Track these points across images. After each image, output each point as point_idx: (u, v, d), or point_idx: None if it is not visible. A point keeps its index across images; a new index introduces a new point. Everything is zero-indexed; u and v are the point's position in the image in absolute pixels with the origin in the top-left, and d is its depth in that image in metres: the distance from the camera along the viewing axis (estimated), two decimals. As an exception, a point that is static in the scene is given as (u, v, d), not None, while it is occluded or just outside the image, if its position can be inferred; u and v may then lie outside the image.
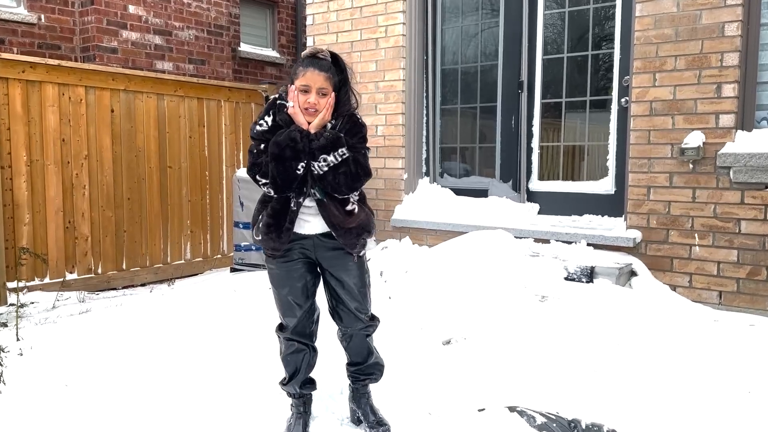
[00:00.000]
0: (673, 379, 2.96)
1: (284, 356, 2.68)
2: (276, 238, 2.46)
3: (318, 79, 2.38)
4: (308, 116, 2.39)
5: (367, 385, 2.77)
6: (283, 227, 2.44)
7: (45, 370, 3.29)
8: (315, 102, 2.38)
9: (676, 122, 4.40)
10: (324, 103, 2.39)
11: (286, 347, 2.66)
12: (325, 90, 2.40)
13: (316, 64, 2.41)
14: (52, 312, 4.85)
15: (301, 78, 2.39)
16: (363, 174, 2.45)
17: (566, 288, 4.24)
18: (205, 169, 6.73)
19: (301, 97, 2.38)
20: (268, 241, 2.47)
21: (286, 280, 2.55)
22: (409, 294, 4.15)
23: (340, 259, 2.55)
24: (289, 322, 2.61)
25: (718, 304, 4.28)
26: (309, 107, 2.38)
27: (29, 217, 5.33)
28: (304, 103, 2.38)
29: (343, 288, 2.58)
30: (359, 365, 2.73)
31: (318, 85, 2.38)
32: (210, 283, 5.38)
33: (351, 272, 2.57)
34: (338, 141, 2.39)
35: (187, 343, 3.69)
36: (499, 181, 5.52)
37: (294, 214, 2.45)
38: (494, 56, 5.53)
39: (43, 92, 5.40)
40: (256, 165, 2.41)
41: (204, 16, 8.10)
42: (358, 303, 2.61)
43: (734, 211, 4.23)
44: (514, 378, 3.12)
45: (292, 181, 2.36)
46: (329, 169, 2.37)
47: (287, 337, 2.64)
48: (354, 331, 2.66)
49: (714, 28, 4.22)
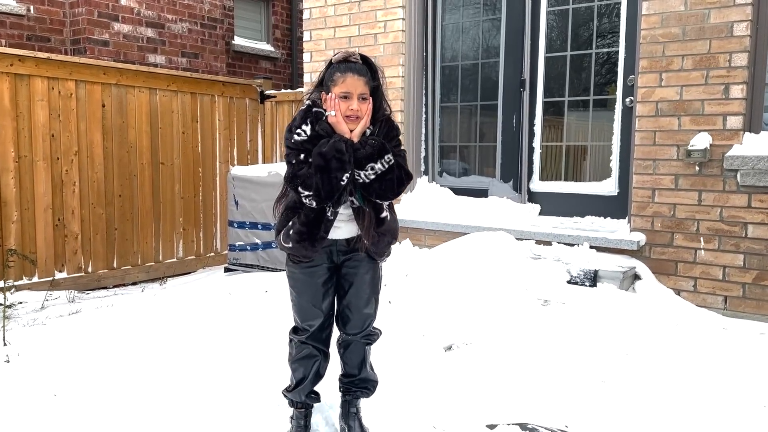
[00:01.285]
0: (685, 392, 2.87)
1: (294, 360, 2.60)
2: (309, 246, 2.39)
3: (358, 84, 2.31)
4: (350, 123, 2.32)
5: (358, 399, 2.68)
6: (317, 236, 2.38)
7: (33, 378, 3.16)
8: (357, 108, 2.31)
9: (683, 123, 4.31)
10: (365, 109, 2.33)
11: (297, 351, 2.57)
12: (365, 95, 2.33)
13: (353, 69, 2.33)
14: (41, 313, 4.72)
15: (340, 85, 2.30)
16: (406, 178, 2.40)
17: (569, 292, 4.16)
18: (199, 166, 6.60)
19: (342, 104, 2.30)
20: (300, 249, 2.40)
21: (309, 285, 2.49)
22: (410, 298, 4.04)
23: (362, 265, 2.50)
24: (308, 327, 2.54)
25: (723, 309, 4.21)
26: (351, 114, 2.31)
27: (17, 215, 5.18)
28: (346, 110, 2.30)
29: (356, 292, 2.52)
30: (353, 377, 2.66)
31: (359, 91, 2.31)
32: (203, 283, 5.26)
33: (368, 277, 2.52)
34: (384, 148, 2.32)
35: (180, 349, 3.58)
36: (500, 180, 5.42)
37: (330, 223, 2.39)
38: (495, 53, 5.42)
39: (32, 86, 5.25)
40: (297, 177, 2.31)
41: (197, 9, 7.93)
42: (368, 308, 2.56)
43: (741, 214, 4.15)
44: (519, 388, 3.02)
45: (336, 192, 2.28)
46: (376, 177, 2.31)
47: (302, 341, 2.55)
48: (355, 339, 2.60)
49: (722, 28, 4.13)
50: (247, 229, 5.49)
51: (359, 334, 2.58)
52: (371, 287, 2.54)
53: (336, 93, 2.30)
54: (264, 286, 4.53)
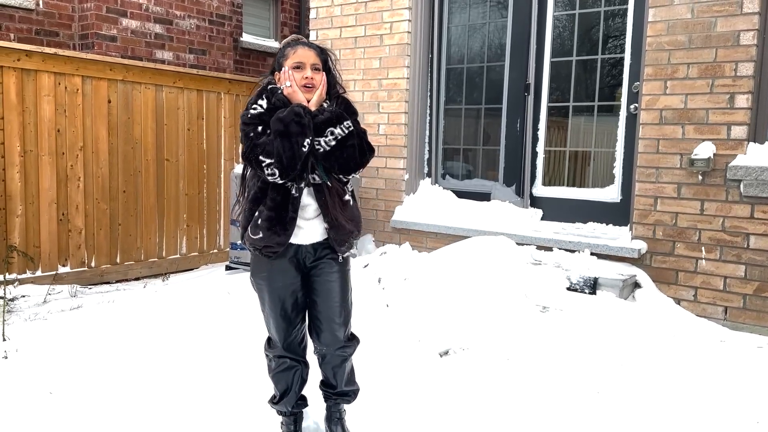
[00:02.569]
0: (678, 405, 2.86)
1: (274, 374, 2.56)
2: (281, 230, 2.33)
3: (310, 54, 2.37)
4: (306, 93, 2.34)
5: (339, 405, 2.66)
6: (287, 217, 2.33)
7: (30, 375, 3.19)
8: (311, 77, 2.34)
9: (687, 132, 4.28)
10: (319, 78, 2.36)
11: (277, 364, 2.54)
12: (318, 65, 2.37)
13: (302, 42, 2.42)
14: (43, 307, 4.75)
15: (292, 57, 2.36)
16: (368, 149, 2.41)
17: (568, 299, 4.15)
18: (203, 163, 6.61)
19: (297, 74, 2.33)
20: (273, 236, 2.32)
21: (278, 297, 2.43)
22: (408, 302, 4.05)
23: (329, 272, 2.45)
24: (280, 338, 2.49)
25: (723, 319, 4.19)
26: (307, 83, 2.33)
27: (22, 209, 5.21)
28: (301, 79, 2.33)
29: (326, 302, 2.47)
30: (332, 387, 2.62)
31: (311, 61, 2.36)
32: (204, 281, 5.28)
33: (337, 286, 2.47)
34: (342, 115, 2.35)
35: (177, 348, 3.60)
36: (503, 184, 5.41)
37: (297, 200, 2.34)
38: (501, 57, 5.40)
39: (38, 81, 5.27)
40: (257, 146, 2.27)
41: (206, 5, 7.94)
42: (339, 318, 2.49)
43: (743, 225, 4.12)
44: (514, 397, 3.02)
45: (298, 159, 2.26)
46: (336, 144, 2.31)
47: (278, 354, 2.52)
48: (330, 351, 2.53)
49: (729, 37, 4.10)
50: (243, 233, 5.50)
51: (332, 347, 2.51)
52: (341, 296, 2.48)
53: (289, 65, 2.33)
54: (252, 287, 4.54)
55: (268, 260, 2.41)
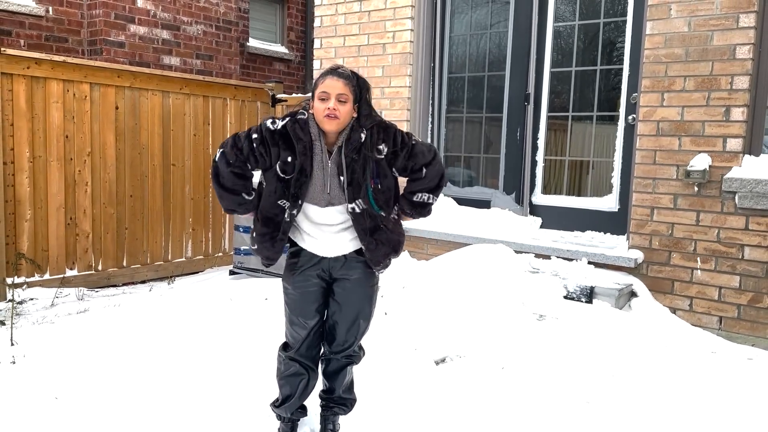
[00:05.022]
0: (666, 416, 2.93)
1: (281, 377, 2.65)
2: (270, 247, 2.43)
3: (337, 85, 2.30)
4: (327, 124, 2.31)
5: (336, 415, 2.74)
6: (277, 237, 2.41)
7: (36, 380, 3.28)
8: (334, 108, 2.29)
9: (683, 144, 4.34)
10: (345, 110, 2.31)
11: (285, 367, 2.62)
12: (345, 96, 2.31)
13: (334, 72, 2.36)
14: (51, 310, 4.86)
15: (320, 86, 2.33)
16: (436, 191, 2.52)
17: (565, 307, 4.21)
18: (209, 168, 6.69)
19: (320, 105, 2.30)
20: (262, 250, 2.44)
21: (300, 302, 2.52)
22: (406, 310, 4.12)
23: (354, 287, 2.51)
24: (296, 341, 2.57)
25: (718, 329, 4.24)
26: (329, 113, 2.29)
27: (31, 213, 5.32)
28: (324, 110, 2.29)
29: (344, 314, 2.54)
30: (332, 393, 2.71)
31: (337, 92, 2.30)
32: (208, 286, 5.37)
33: (357, 300, 2.53)
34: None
35: (181, 354, 3.68)
36: (503, 192, 5.48)
37: (288, 225, 2.40)
38: (502, 67, 5.46)
39: (47, 88, 5.38)
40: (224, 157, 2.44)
41: (213, 11, 8.05)
42: (352, 330, 2.57)
43: (738, 236, 4.17)
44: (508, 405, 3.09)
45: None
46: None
47: (290, 357, 2.60)
48: (337, 357, 2.63)
49: (725, 50, 4.15)
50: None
51: (340, 353, 2.61)
52: (360, 311, 2.55)
53: (317, 95, 2.32)
54: (265, 293, 4.63)
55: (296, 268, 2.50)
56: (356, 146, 2.35)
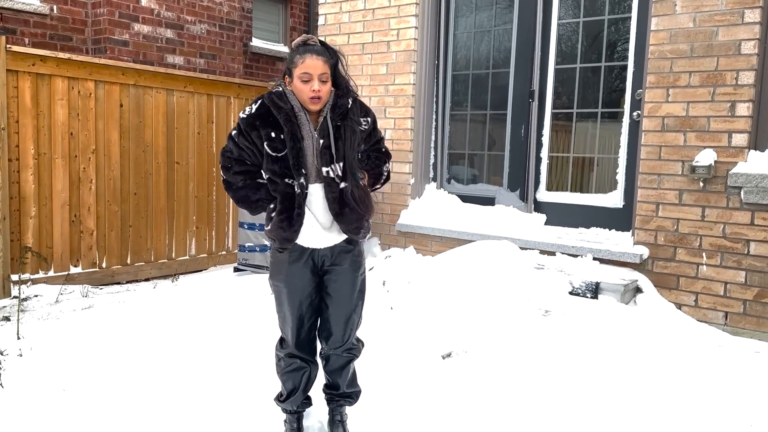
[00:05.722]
0: (673, 409, 2.92)
1: (282, 373, 2.65)
2: (288, 226, 2.42)
3: (317, 64, 2.36)
4: (313, 104, 2.38)
5: (342, 407, 2.73)
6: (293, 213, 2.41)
7: (44, 372, 3.29)
8: (319, 89, 2.36)
9: (688, 139, 4.34)
10: (326, 89, 2.39)
11: (286, 364, 2.62)
12: (326, 74, 2.38)
13: (311, 49, 2.39)
14: (55, 307, 4.86)
15: (300, 66, 2.36)
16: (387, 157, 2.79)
17: (570, 303, 4.21)
18: (213, 166, 6.71)
19: (305, 87, 2.36)
20: (279, 231, 2.44)
21: (293, 295, 2.52)
22: (411, 305, 4.12)
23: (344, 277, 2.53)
24: (293, 337, 2.57)
25: (723, 324, 4.24)
26: (314, 95, 2.36)
27: (35, 210, 5.33)
28: (309, 92, 2.35)
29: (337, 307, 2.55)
30: (335, 389, 2.71)
31: (319, 72, 2.36)
32: (213, 282, 5.37)
33: (349, 291, 2.55)
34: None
35: (186, 348, 3.69)
36: (507, 189, 5.48)
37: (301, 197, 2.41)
38: (506, 63, 5.47)
39: (52, 85, 5.39)
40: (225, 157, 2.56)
41: (216, 11, 8.06)
42: (348, 323, 2.57)
43: (744, 231, 4.17)
44: (515, 399, 3.09)
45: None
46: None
47: (289, 353, 2.60)
48: (335, 353, 2.63)
49: (730, 46, 4.16)
50: (256, 230, 5.60)
51: (339, 348, 2.60)
52: (352, 301, 2.56)
53: (297, 75, 2.35)
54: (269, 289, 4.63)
55: (286, 263, 2.50)
56: (343, 112, 2.45)
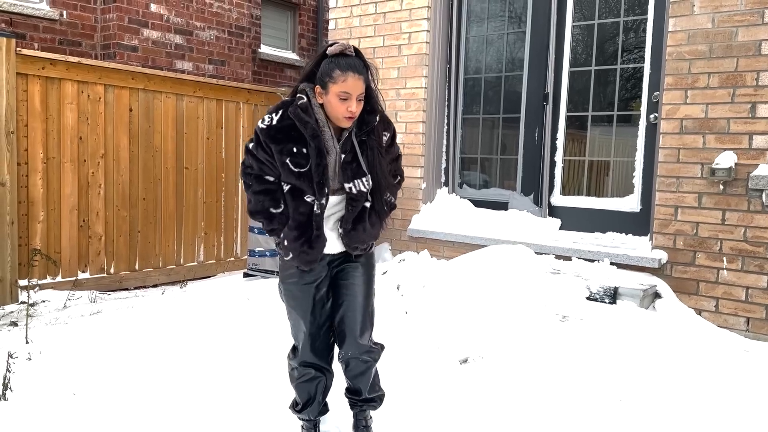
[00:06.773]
0: (700, 415, 2.83)
1: (297, 384, 2.55)
2: (309, 249, 2.31)
3: (358, 85, 2.22)
4: (346, 123, 2.29)
5: (365, 412, 2.64)
6: (312, 235, 2.30)
7: (53, 376, 3.22)
8: (355, 111, 2.25)
9: (707, 141, 4.27)
10: (360, 107, 2.28)
11: (300, 374, 2.52)
12: (362, 96, 2.27)
13: (354, 67, 2.22)
14: (63, 312, 4.79)
15: (341, 84, 2.20)
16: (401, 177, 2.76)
17: (588, 308, 4.12)
18: (222, 171, 6.66)
19: (341, 106, 2.23)
20: (302, 254, 2.31)
21: (305, 299, 2.43)
22: (427, 309, 4.04)
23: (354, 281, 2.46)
24: (307, 343, 2.47)
25: (745, 330, 4.14)
26: (350, 116, 2.26)
27: (44, 215, 5.28)
28: (344, 112, 2.24)
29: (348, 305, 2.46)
30: (358, 394, 2.61)
31: (358, 92, 2.23)
32: (222, 288, 5.30)
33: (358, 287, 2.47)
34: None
35: (197, 353, 3.61)
36: (520, 194, 5.40)
37: (319, 218, 2.31)
38: (519, 66, 5.41)
39: (62, 89, 5.35)
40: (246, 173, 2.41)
41: (225, 17, 8.05)
42: (362, 326, 2.49)
43: (765, 235, 4.08)
44: (534, 404, 3.00)
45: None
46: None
47: (303, 363, 2.50)
48: (354, 357, 2.52)
49: (750, 46, 4.09)
50: (266, 235, 5.52)
51: (357, 352, 2.50)
52: (363, 300, 2.48)
53: (334, 92, 2.22)
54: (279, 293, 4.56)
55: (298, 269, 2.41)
56: (370, 129, 2.35)
